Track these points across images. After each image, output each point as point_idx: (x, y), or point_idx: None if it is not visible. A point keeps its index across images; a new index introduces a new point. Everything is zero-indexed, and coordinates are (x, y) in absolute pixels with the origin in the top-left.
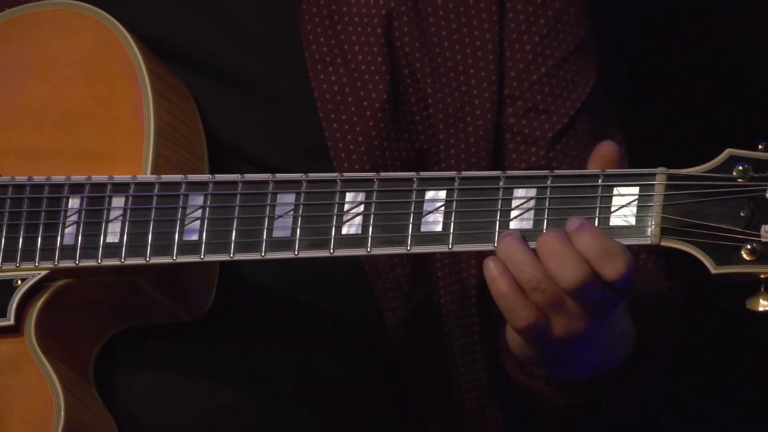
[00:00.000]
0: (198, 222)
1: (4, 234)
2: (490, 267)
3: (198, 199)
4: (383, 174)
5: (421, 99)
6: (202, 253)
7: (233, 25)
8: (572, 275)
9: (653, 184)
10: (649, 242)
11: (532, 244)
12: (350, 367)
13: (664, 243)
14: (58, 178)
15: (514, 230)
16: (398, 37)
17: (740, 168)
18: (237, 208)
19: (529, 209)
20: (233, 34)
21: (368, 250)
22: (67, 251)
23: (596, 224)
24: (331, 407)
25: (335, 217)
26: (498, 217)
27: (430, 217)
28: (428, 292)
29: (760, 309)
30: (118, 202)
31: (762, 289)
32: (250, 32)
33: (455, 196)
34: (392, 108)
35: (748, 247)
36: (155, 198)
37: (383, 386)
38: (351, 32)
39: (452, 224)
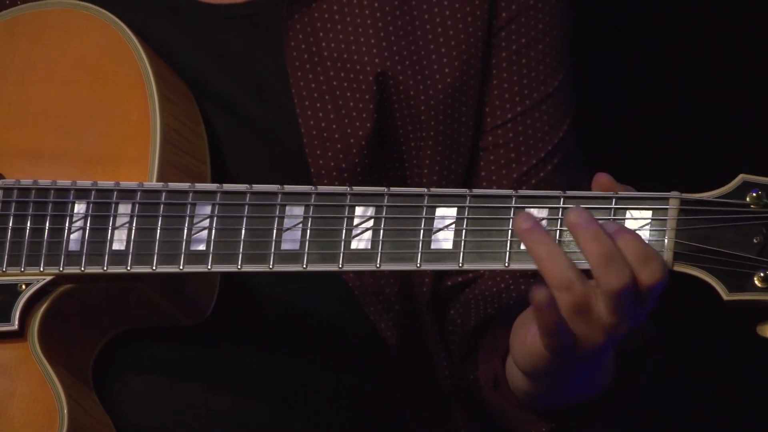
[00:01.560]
0: (205, 232)
1: (8, 238)
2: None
3: (206, 209)
4: (393, 189)
5: (409, 123)
6: (210, 263)
7: (222, 53)
8: (619, 278)
9: (666, 209)
10: None
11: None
12: (349, 375)
13: (677, 268)
14: (63, 183)
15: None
16: (392, 85)
17: (754, 194)
18: (245, 218)
19: None
20: (222, 62)
21: (377, 265)
22: (73, 257)
23: None
24: (328, 415)
25: (344, 231)
26: (509, 236)
27: (441, 234)
28: (417, 309)
29: None
30: (124, 208)
31: None
32: (238, 61)
33: (466, 213)
34: (377, 140)
35: (761, 274)
36: (162, 206)
37: (381, 395)
38: (339, 69)
39: (463, 242)
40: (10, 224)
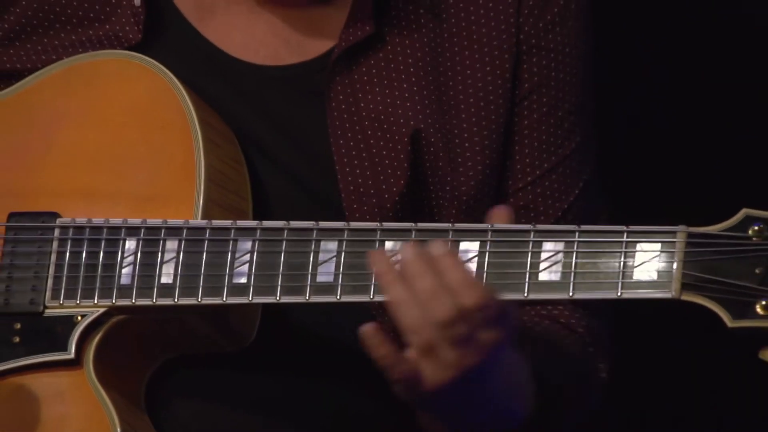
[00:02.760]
0: (246, 265)
1: (65, 273)
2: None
3: (247, 244)
4: (420, 225)
5: (438, 180)
6: (251, 295)
7: (267, 108)
8: (444, 309)
9: (674, 242)
10: (670, 296)
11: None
12: (386, 401)
13: (685, 297)
14: (115, 221)
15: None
16: (425, 143)
17: (755, 228)
18: (283, 253)
19: (557, 262)
20: (266, 116)
21: None
22: (124, 290)
23: (620, 278)
24: None
25: None
26: (528, 269)
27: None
28: None
29: None
30: (171, 245)
31: None
32: (281, 116)
33: (488, 247)
34: (411, 197)
35: (763, 302)
36: (206, 242)
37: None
38: (376, 129)
39: (485, 274)
40: (67, 260)
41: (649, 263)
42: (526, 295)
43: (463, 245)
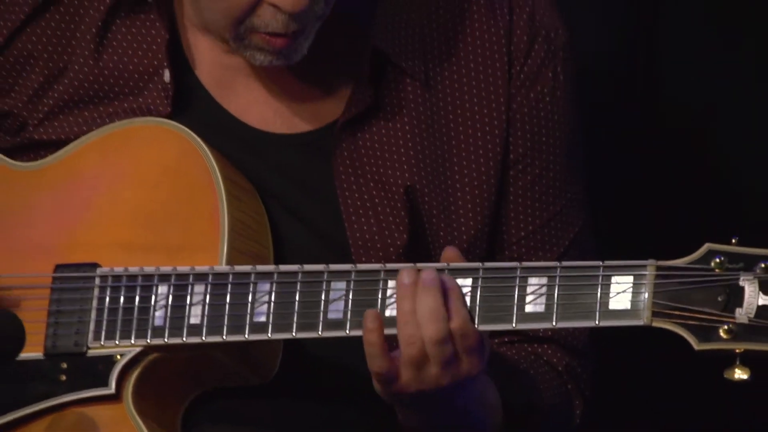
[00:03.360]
0: (265, 305)
1: (105, 317)
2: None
3: (265, 286)
4: (419, 264)
5: (436, 232)
6: (270, 332)
7: (283, 169)
8: (436, 328)
9: (645, 274)
10: (642, 323)
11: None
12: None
13: (655, 324)
14: (149, 269)
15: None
16: (419, 198)
17: (717, 260)
18: (297, 293)
19: (541, 294)
20: (283, 175)
21: None
22: (158, 330)
23: (598, 308)
24: None
25: (379, 300)
26: (515, 301)
27: None
28: None
29: (736, 377)
30: (199, 289)
31: (737, 362)
32: (296, 175)
33: (479, 283)
34: (412, 247)
35: (725, 327)
36: (230, 285)
37: None
38: (379, 188)
39: (477, 307)
40: (106, 305)
41: (623, 294)
42: (514, 325)
43: (457, 281)
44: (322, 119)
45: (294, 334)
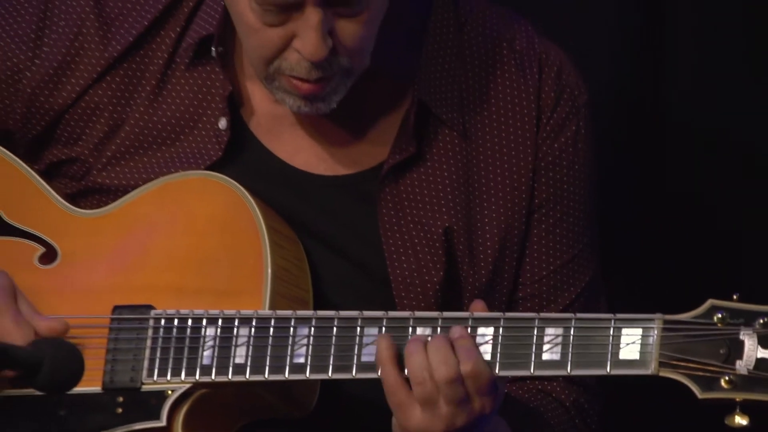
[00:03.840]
0: (304, 348)
1: (158, 355)
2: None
3: (304, 330)
4: (445, 313)
5: (467, 270)
6: (308, 372)
7: (327, 210)
8: (448, 370)
9: (653, 327)
10: (650, 373)
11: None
12: None
13: (662, 373)
14: (198, 312)
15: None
16: (456, 239)
17: (719, 315)
18: (333, 337)
19: (557, 344)
20: (327, 216)
21: None
22: (206, 369)
23: (609, 358)
24: None
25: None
26: (533, 350)
27: (481, 348)
28: None
29: (736, 424)
30: (243, 331)
31: (737, 410)
32: (339, 217)
33: (500, 332)
34: (446, 285)
35: (726, 378)
36: (272, 329)
37: None
38: (419, 229)
39: (498, 354)
40: (159, 344)
41: (632, 345)
42: (532, 371)
43: (480, 330)
44: (363, 164)
45: (330, 375)
